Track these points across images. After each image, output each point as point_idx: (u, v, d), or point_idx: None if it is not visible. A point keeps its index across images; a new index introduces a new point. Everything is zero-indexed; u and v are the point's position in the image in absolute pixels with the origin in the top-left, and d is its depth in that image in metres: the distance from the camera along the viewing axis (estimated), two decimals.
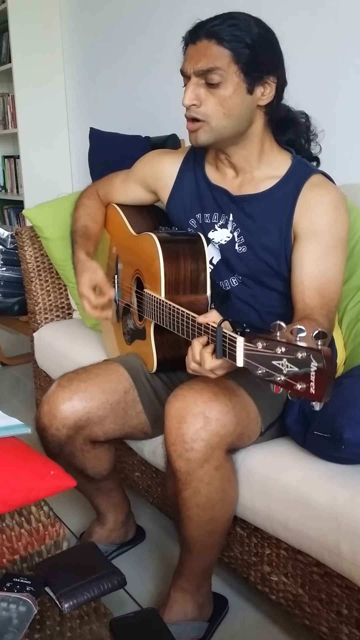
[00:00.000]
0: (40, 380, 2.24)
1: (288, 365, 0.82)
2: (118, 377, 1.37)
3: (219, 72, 1.17)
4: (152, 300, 1.29)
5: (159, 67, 2.68)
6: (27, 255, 2.14)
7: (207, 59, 1.17)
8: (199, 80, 1.20)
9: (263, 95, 1.22)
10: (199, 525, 1.19)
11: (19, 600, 0.85)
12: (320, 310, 1.21)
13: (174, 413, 1.14)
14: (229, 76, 1.17)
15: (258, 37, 1.18)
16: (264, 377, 0.86)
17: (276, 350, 0.84)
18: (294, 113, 1.35)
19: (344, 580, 1.13)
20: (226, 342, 0.96)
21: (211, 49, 1.17)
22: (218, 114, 1.20)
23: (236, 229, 1.34)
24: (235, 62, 1.17)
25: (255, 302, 1.37)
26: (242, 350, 0.91)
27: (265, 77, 1.20)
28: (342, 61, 1.89)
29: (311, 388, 0.80)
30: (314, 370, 0.79)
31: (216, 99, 1.19)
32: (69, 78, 3.40)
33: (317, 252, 1.25)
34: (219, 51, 1.17)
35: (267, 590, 1.31)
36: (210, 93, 1.19)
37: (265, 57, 1.19)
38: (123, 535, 1.61)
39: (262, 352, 0.86)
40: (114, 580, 0.93)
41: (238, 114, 1.21)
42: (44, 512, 1.10)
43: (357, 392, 1.16)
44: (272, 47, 1.21)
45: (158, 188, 1.48)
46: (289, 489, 1.16)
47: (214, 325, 1.00)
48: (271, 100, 1.23)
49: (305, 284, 1.24)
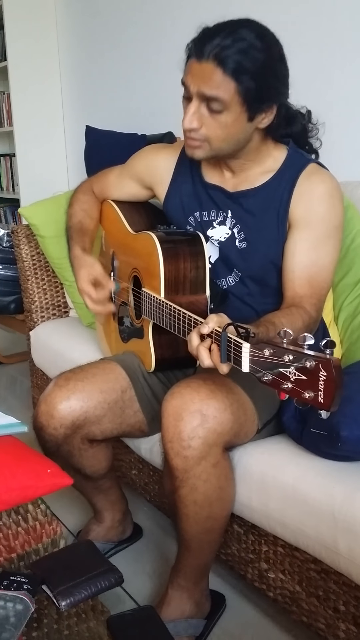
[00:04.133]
0: (36, 378, 2.24)
1: (295, 373, 0.82)
2: (115, 376, 1.37)
3: (221, 102, 1.15)
4: (152, 300, 1.28)
5: (155, 65, 2.67)
6: (23, 253, 2.14)
7: (212, 85, 1.14)
8: (201, 103, 1.17)
9: (263, 119, 1.21)
10: (197, 522, 1.19)
11: (16, 599, 0.85)
12: (310, 299, 1.21)
13: (171, 410, 1.14)
14: (232, 106, 1.15)
15: (264, 66, 1.13)
16: (269, 383, 0.86)
17: (283, 357, 0.83)
18: (294, 111, 1.33)
19: (341, 577, 1.13)
20: (231, 347, 0.95)
21: (216, 74, 1.13)
22: (218, 138, 1.20)
23: (235, 225, 1.34)
24: (239, 94, 1.14)
25: (253, 301, 1.36)
26: (247, 356, 0.90)
27: (267, 106, 1.18)
28: (339, 58, 1.88)
29: (320, 397, 0.80)
30: (322, 380, 0.79)
31: (216, 123, 1.18)
32: (65, 76, 3.39)
33: (310, 240, 1.25)
34: (224, 81, 1.13)
35: (265, 587, 1.32)
36: (211, 117, 1.17)
37: (269, 88, 1.16)
38: (120, 533, 1.61)
39: (269, 359, 0.86)
40: (111, 578, 0.94)
41: (237, 139, 1.21)
42: (41, 511, 1.10)
43: (354, 389, 1.16)
44: (277, 74, 1.18)
45: (154, 184, 1.48)
46: (286, 486, 1.16)
47: (219, 330, 0.99)
48: (271, 122, 1.22)
49: (296, 272, 1.24)
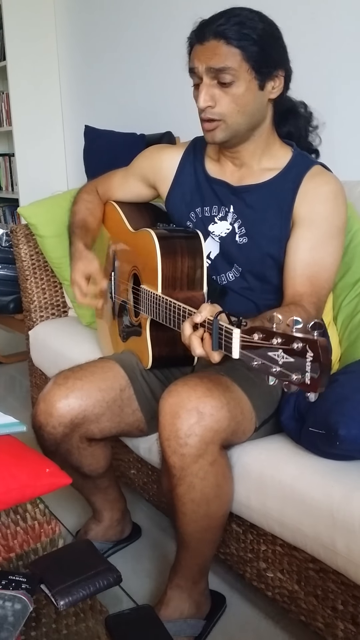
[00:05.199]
0: (35, 378, 2.24)
1: (284, 356, 0.82)
2: (114, 374, 1.37)
3: (230, 72, 1.18)
4: (149, 295, 1.29)
5: (155, 64, 2.67)
6: (22, 253, 2.14)
7: (218, 58, 1.17)
8: (211, 80, 1.20)
9: (274, 88, 1.24)
10: (194, 520, 1.19)
11: (14, 598, 0.85)
12: (310, 298, 1.22)
13: (168, 409, 1.14)
14: (241, 75, 1.18)
15: (264, 33, 1.19)
16: (259, 368, 0.86)
17: (272, 341, 0.83)
18: (294, 103, 1.36)
19: (340, 576, 1.13)
20: (222, 334, 0.96)
21: (220, 48, 1.17)
22: (233, 112, 1.22)
23: (237, 220, 1.34)
24: (246, 61, 1.18)
25: (253, 295, 1.37)
26: (238, 342, 0.91)
27: (274, 72, 1.22)
28: (341, 55, 1.88)
29: (306, 378, 0.80)
30: (309, 361, 0.79)
31: (230, 97, 1.20)
32: (64, 76, 3.39)
33: (313, 240, 1.25)
34: (228, 51, 1.17)
35: (263, 586, 1.32)
36: (223, 92, 1.20)
37: (273, 52, 1.21)
38: (119, 533, 1.61)
39: (258, 343, 0.86)
40: (110, 578, 0.94)
41: (251, 110, 1.23)
42: (40, 510, 1.10)
43: (352, 388, 1.16)
44: (277, 40, 1.23)
45: (158, 182, 1.48)
46: (284, 485, 1.16)
47: (210, 318, 1.00)
48: (281, 92, 1.25)
49: (297, 270, 1.25)
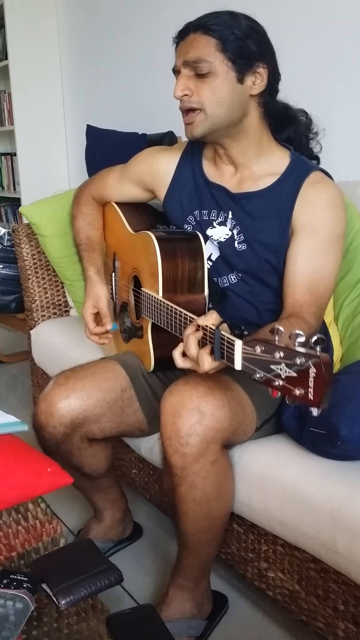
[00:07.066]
0: (37, 377, 2.24)
1: (286, 371, 0.82)
2: (115, 375, 1.37)
3: (206, 62, 1.18)
4: (150, 299, 1.29)
5: (156, 64, 2.67)
6: (24, 252, 2.14)
7: (194, 50, 1.19)
8: (189, 72, 1.21)
9: (254, 84, 1.23)
10: (196, 520, 1.19)
11: (15, 597, 0.85)
12: (310, 307, 1.22)
13: (169, 408, 1.14)
14: (217, 65, 1.19)
15: (246, 27, 1.19)
16: (261, 381, 0.86)
17: (274, 354, 0.84)
18: (294, 111, 1.35)
19: (340, 576, 1.13)
20: (224, 345, 0.95)
21: (198, 40, 1.19)
22: (211, 102, 1.21)
23: (235, 227, 1.33)
24: (222, 51, 1.18)
25: (254, 299, 1.37)
26: (240, 353, 0.91)
27: (254, 66, 1.21)
28: (339, 59, 1.88)
29: (310, 394, 0.80)
30: (312, 377, 0.79)
31: (207, 87, 1.21)
32: (66, 75, 3.40)
33: (312, 248, 1.25)
34: (205, 41, 1.18)
35: (264, 586, 1.32)
36: (201, 83, 1.21)
37: (252, 45, 1.20)
38: (120, 532, 1.61)
39: (261, 356, 0.86)
40: (111, 577, 0.94)
41: (230, 103, 1.22)
42: (41, 509, 1.10)
43: (354, 388, 1.16)
44: (260, 36, 1.22)
45: (155, 186, 1.47)
46: (285, 485, 1.16)
47: (212, 328, 0.99)
48: (263, 90, 1.24)
49: (297, 279, 1.24)
